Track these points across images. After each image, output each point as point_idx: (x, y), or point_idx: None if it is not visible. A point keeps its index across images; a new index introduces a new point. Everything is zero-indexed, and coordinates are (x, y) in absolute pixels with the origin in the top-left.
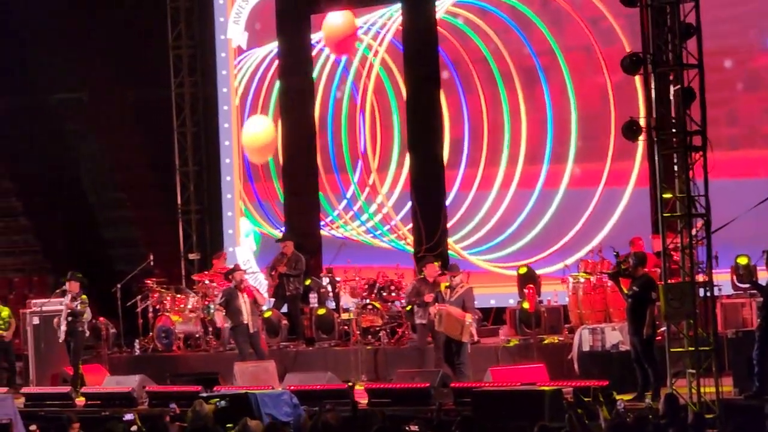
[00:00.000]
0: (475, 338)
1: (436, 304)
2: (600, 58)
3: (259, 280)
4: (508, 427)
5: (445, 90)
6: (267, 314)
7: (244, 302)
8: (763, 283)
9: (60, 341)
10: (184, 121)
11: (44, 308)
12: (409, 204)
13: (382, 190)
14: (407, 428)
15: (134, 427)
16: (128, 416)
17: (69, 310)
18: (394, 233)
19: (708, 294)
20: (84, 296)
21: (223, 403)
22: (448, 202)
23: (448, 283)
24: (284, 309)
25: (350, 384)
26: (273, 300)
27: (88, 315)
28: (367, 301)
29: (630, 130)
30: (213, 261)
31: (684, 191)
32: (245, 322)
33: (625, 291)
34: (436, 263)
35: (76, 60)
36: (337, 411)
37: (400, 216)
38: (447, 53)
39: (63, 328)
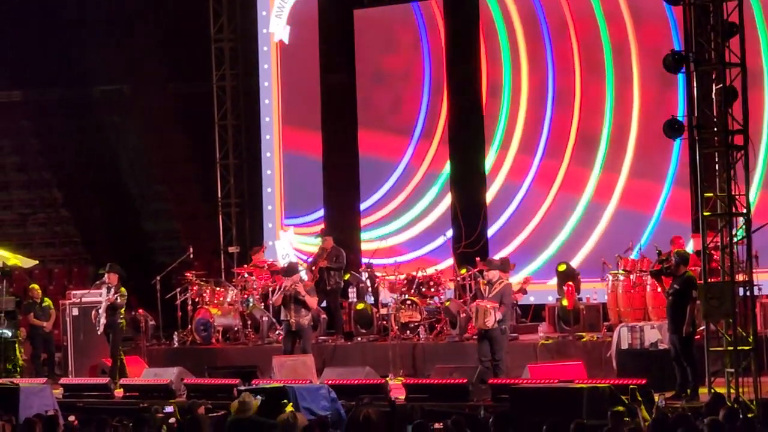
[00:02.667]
0: (489, 325)
1: (476, 300)
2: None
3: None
4: (545, 424)
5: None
6: None
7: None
8: None
9: (99, 333)
10: (225, 114)
11: (84, 299)
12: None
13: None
14: (432, 426)
15: (172, 419)
16: (168, 409)
17: (109, 303)
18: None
19: (748, 293)
20: (123, 288)
21: (259, 397)
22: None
23: (485, 281)
24: (324, 303)
25: (387, 379)
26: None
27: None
28: (406, 296)
29: (671, 129)
30: (251, 255)
31: (725, 190)
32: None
33: (667, 289)
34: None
35: (119, 53)
36: (374, 405)
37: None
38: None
39: (102, 320)
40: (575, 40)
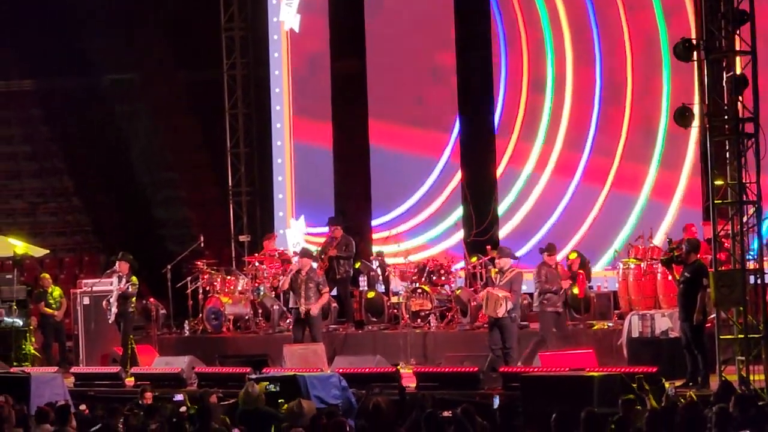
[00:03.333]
0: (500, 314)
1: (487, 287)
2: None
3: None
4: (555, 412)
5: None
6: None
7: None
8: None
9: (110, 322)
10: (235, 102)
11: (95, 288)
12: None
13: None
14: (442, 414)
15: (183, 408)
16: (178, 397)
17: (120, 292)
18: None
19: (758, 281)
20: (134, 277)
21: (272, 387)
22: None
23: (496, 269)
24: (334, 292)
25: (398, 367)
26: None
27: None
28: (417, 284)
29: (682, 117)
30: (263, 242)
31: (735, 178)
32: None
33: (677, 277)
34: (556, 252)
35: (129, 41)
36: (385, 394)
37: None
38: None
39: (113, 309)
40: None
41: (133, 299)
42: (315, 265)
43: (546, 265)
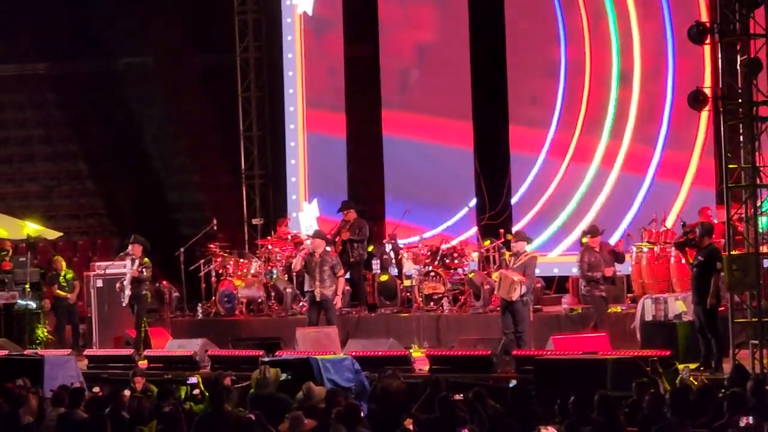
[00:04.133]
0: (514, 298)
1: (501, 269)
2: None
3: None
4: (568, 395)
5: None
6: None
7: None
8: None
9: (123, 305)
10: (248, 86)
11: (108, 271)
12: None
13: None
14: (453, 397)
15: (197, 391)
16: (192, 380)
17: (133, 276)
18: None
19: None
20: (146, 259)
21: (284, 375)
22: None
23: (511, 252)
24: (347, 275)
25: (411, 351)
26: None
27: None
28: (430, 268)
29: (696, 100)
30: (277, 226)
31: (749, 162)
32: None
33: (691, 261)
34: (600, 233)
35: (143, 25)
36: (397, 377)
37: None
38: None
39: (127, 292)
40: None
41: (147, 282)
42: (329, 248)
43: (589, 250)
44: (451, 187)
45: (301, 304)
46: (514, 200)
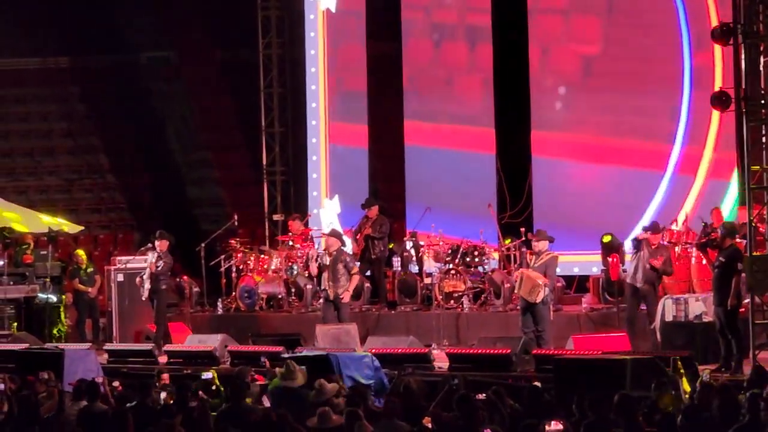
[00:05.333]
0: (537, 300)
1: (522, 268)
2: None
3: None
4: (587, 395)
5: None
6: None
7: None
8: None
9: (143, 299)
10: (270, 82)
11: (129, 265)
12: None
13: None
14: (476, 396)
15: (213, 387)
16: (207, 375)
17: (152, 270)
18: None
19: None
20: (169, 255)
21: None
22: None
23: (531, 251)
24: (367, 273)
25: (431, 348)
26: (359, 264)
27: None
28: (450, 266)
29: (719, 101)
30: (288, 223)
31: None
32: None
33: (712, 261)
34: (661, 230)
35: (165, 20)
36: (417, 375)
37: None
38: None
39: (147, 285)
40: None
41: (166, 276)
42: (351, 244)
43: (649, 245)
44: (472, 189)
45: (320, 300)
46: (535, 199)
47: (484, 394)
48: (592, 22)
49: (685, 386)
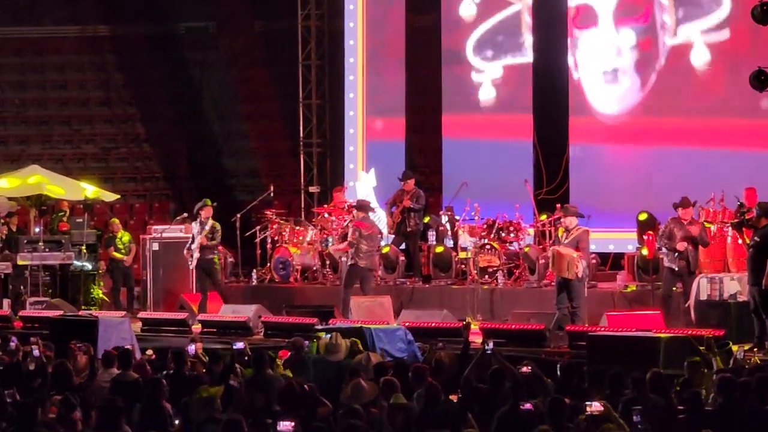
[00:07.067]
0: (579, 275)
1: (555, 245)
2: None
3: (377, 216)
4: (621, 372)
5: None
6: (385, 250)
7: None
8: None
9: (190, 268)
10: (309, 54)
11: (164, 234)
12: None
13: None
14: (520, 369)
15: (246, 358)
16: (239, 345)
17: (201, 241)
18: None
19: None
20: (217, 224)
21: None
22: None
23: (563, 228)
24: (402, 246)
25: (466, 322)
26: (393, 236)
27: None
28: (486, 240)
29: (758, 80)
30: (333, 194)
31: None
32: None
33: (747, 241)
34: (691, 204)
35: None
36: (448, 349)
37: None
38: None
39: (196, 255)
40: None
41: (216, 248)
42: (382, 220)
43: (674, 221)
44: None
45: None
46: (571, 175)
47: (529, 368)
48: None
49: (719, 365)
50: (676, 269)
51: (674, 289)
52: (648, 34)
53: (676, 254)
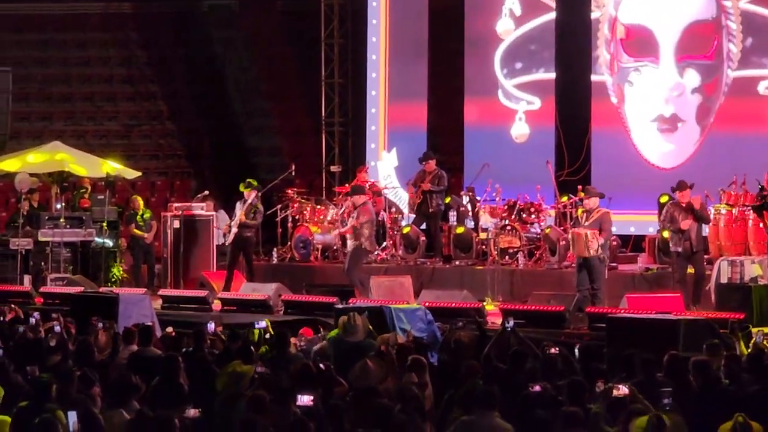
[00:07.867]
0: (597, 251)
1: (575, 227)
2: None
3: (399, 196)
4: (640, 354)
5: None
6: (405, 230)
7: None
8: None
9: (226, 244)
10: (332, 32)
11: (185, 212)
12: None
13: None
14: (549, 351)
15: (267, 335)
16: (260, 323)
17: (241, 221)
18: None
19: None
20: (260, 205)
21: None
22: None
23: (583, 209)
24: (423, 226)
25: (484, 303)
26: (414, 216)
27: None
28: (506, 222)
29: None
30: (357, 173)
31: None
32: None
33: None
34: (689, 187)
35: None
36: (468, 329)
37: None
38: None
39: (234, 230)
40: None
41: (254, 228)
42: (403, 200)
43: (674, 205)
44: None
45: (375, 252)
46: (593, 156)
47: (557, 349)
48: None
49: (742, 349)
50: (681, 250)
51: (689, 271)
52: None
53: (681, 234)
